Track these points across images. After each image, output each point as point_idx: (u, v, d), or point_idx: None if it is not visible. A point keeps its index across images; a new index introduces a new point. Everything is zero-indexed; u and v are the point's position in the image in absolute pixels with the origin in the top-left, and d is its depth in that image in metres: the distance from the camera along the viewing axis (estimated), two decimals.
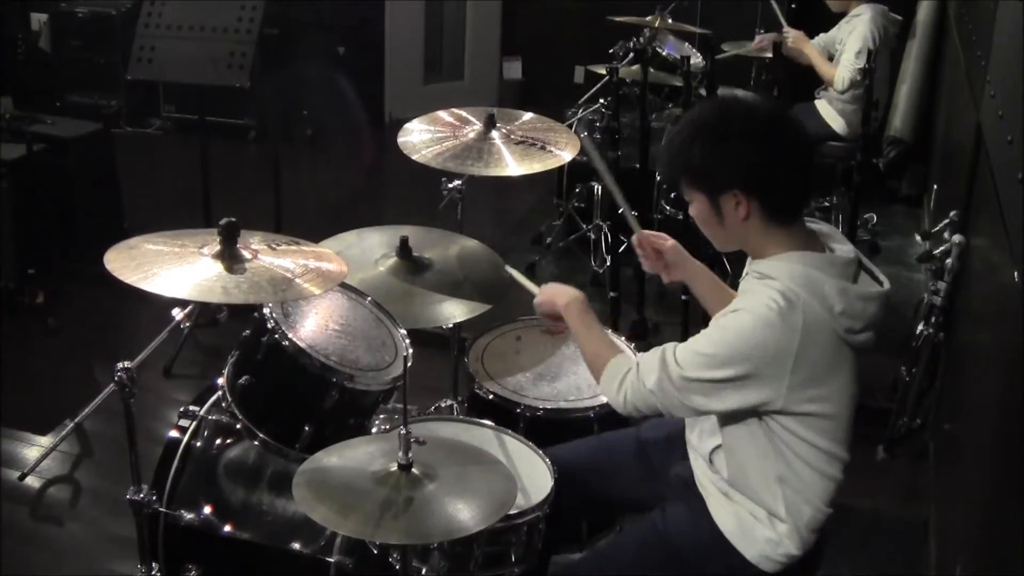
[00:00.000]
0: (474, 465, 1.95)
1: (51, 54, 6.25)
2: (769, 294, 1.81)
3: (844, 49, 4.55)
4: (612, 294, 3.93)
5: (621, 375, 1.98)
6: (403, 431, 1.83)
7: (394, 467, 1.83)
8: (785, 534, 1.95)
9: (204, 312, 3.82)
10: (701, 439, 2.09)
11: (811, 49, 4.72)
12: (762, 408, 1.85)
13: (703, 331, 1.89)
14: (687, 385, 1.86)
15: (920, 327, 3.45)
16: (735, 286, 2.04)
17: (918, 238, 4.95)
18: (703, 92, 4.44)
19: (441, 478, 1.84)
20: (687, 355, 1.87)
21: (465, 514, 1.77)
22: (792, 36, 4.73)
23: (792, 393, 1.82)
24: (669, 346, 1.92)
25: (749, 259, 2.00)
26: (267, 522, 2.22)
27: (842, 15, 4.71)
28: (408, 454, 1.83)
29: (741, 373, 1.81)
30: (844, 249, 1.94)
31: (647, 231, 2.32)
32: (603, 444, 2.33)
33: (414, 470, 1.84)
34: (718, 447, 2.02)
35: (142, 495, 2.19)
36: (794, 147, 1.89)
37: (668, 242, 2.30)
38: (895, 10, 4.74)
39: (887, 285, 1.94)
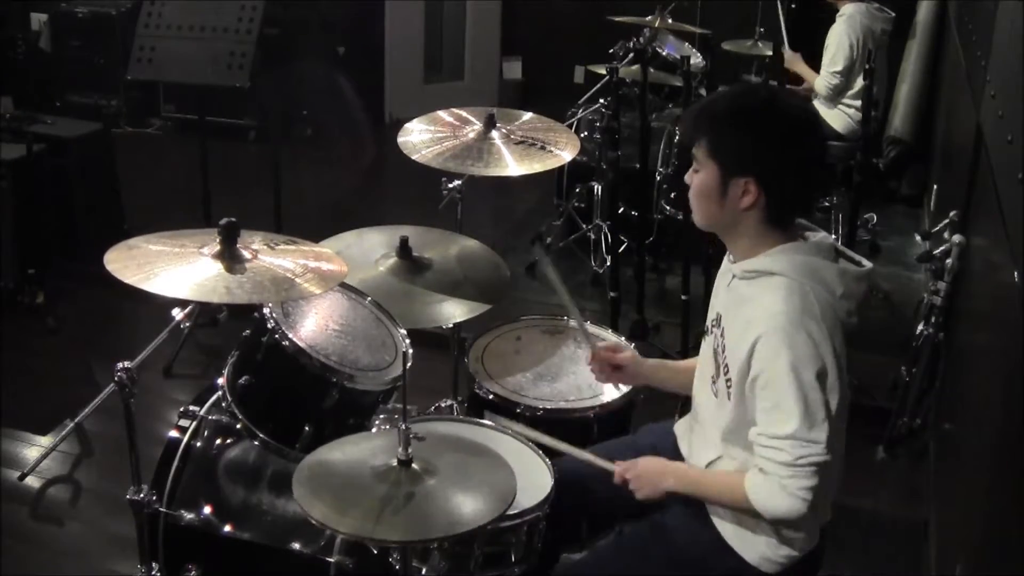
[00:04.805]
0: (474, 460, 1.94)
1: (51, 54, 6.25)
2: (780, 296, 1.80)
3: (824, 56, 4.61)
4: (612, 294, 3.93)
5: (763, 488, 1.85)
6: (403, 427, 1.83)
7: (394, 463, 1.83)
8: (786, 535, 1.94)
9: (204, 312, 3.82)
10: (692, 453, 2.10)
11: (802, 68, 4.79)
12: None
13: (764, 400, 1.82)
14: (819, 433, 1.79)
15: (920, 327, 3.45)
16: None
17: (918, 238, 4.95)
18: (703, 92, 4.44)
19: (441, 473, 1.84)
20: (782, 418, 1.79)
21: (466, 508, 1.77)
22: (787, 57, 4.79)
23: None
24: (762, 437, 1.83)
25: (728, 257, 1.99)
26: (267, 522, 2.21)
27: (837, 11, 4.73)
28: (408, 450, 1.83)
29: (825, 378, 1.79)
30: (820, 235, 1.95)
31: (604, 345, 2.24)
32: (601, 450, 2.31)
33: (414, 466, 1.83)
34: (714, 460, 2.01)
35: (142, 495, 2.19)
36: (820, 158, 1.92)
37: (626, 353, 2.25)
38: (895, 10, 4.74)
39: (868, 264, 1.94)
